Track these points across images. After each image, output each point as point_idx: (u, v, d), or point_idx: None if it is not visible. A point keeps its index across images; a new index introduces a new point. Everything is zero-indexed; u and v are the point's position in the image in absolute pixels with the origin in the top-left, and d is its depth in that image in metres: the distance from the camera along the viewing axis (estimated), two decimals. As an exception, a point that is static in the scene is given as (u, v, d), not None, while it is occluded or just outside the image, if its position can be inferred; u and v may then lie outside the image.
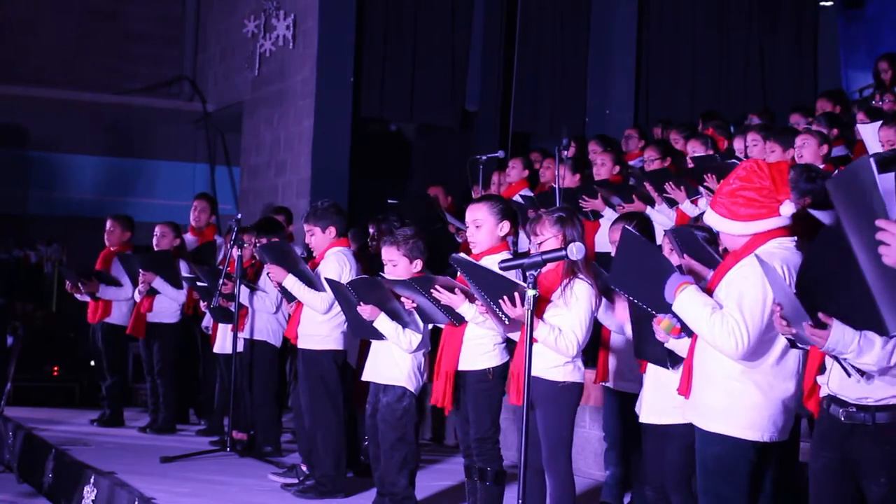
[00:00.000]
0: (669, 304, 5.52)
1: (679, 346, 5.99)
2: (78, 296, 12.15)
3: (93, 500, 8.62)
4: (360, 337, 7.87)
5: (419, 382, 7.66)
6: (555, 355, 6.40)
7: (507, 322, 6.40)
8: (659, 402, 6.35)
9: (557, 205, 10.32)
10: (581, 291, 6.39)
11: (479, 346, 6.92)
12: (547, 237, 6.48)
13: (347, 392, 8.68)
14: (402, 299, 7.20)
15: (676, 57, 16.91)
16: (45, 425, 11.73)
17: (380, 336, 7.55)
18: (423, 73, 15.75)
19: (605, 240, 8.73)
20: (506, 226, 7.02)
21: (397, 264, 7.53)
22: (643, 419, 6.54)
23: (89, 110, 17.71)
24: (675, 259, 6.31)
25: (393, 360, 7.58)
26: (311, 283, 8.48)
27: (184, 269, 11.42)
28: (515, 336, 6.68)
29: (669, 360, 6.14)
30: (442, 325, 7.15)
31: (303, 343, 8.57)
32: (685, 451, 6.25)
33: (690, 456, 6.04)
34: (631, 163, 12.23)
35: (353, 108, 15.17)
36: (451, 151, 16.06)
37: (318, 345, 8.50)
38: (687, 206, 9.58)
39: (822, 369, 5.00)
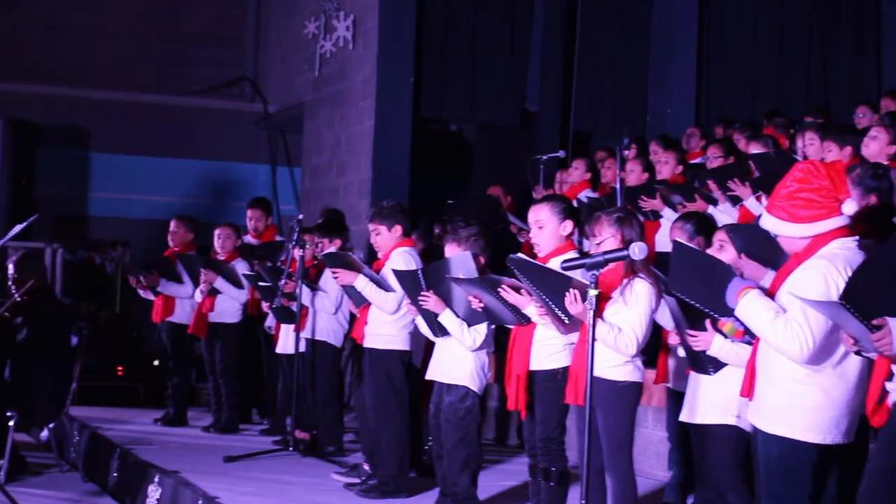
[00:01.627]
0: (731, 309, 5.50)
1: (722, 352, 6.00)
2: (141, 292, 12.24)
3: (157, 500, 8.67)
4: (432, 333, 7.81)
5: (482, 382, 7.67)
6: (615, 355, 6.38)
7: (567, 322, 6.39)
8: (699, 403, 6.36)
9: (619, 205, 10.33)
10: (642, 290, 6.37)
11: (549, 347, 6.90)
12: (605, 237, 6.47)
13: (412, 392, 8.69)
14: (470, 298, 7.20)
15: (737, 55, 16.79)
16: (109, 425, 11.82)
17: (442, 331, 7.55)
18: (483, 73, 15.73)
19: (665, 240, 8.70)
20: (569, 225, 7.01)
21: (462, 262, 7.57)
22: (682, 418, 6.55)
23: (151, 112, 17.81)
24: (727, 256, 6.29)
25: (456, 360, 7.60)
26: (378, 284, 8.51)
27: (245, 268, 11.48)
28: (574, 337, 6.66)
29: (711, 365, 6.17)
30: (510, 326, 7.15)
31: (370, 342, 8.59)
32: (732, 450, 6.26)
33: (739, 455, 6.04)
34: (692, 162, 12.16)
35: (414, 109, 15.17)
36: (511, 151, 16.03)
37: (384, 344, 8.51)
38: (752, 204, 9.50)
39: (890, 377, 4.97)
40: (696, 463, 6.77)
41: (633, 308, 6.36)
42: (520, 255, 6.72)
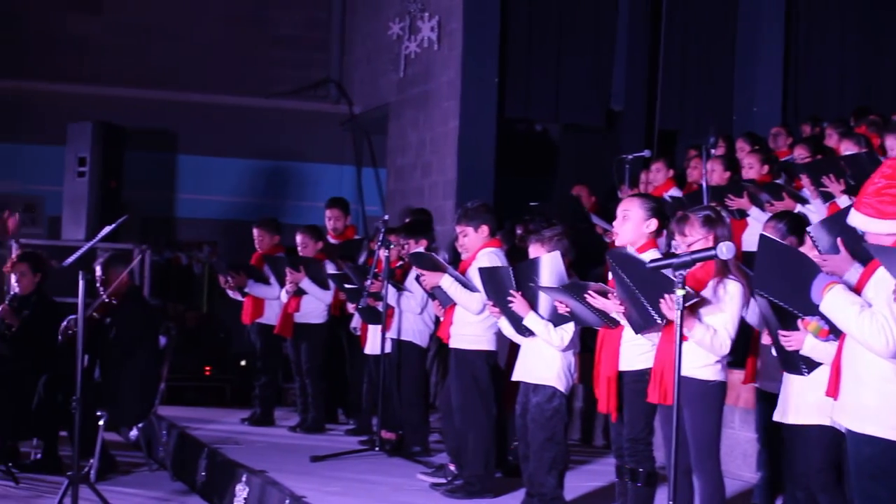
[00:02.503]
0: (816, 306, 5.45)
1: (815, 351, 5.93)
2: (230, 293, 12.32)
3: (245, 499, 8.73)
4: (517, 333, 7.80)
5: (569, 382, 7.65)
6: (703, 355, 6.34)
7: (659, 321, 6.34)
8: (793, 402, 6.29)
9: (705, 204, 10.25)
10: (734, 291, 6.33)
11: (637, 347, 6.87)
12: (696, 238, 6.41)
13: (497, 392, 8.68)
14: (556, 303, 7.19)
15: (825, 52, 16.62)
16: (197, 424, 11.92)
17: (527, 332, 7.55)
18: (568, 73, 15.69)
19: (753, 239, 8.62)
20: (653, 223, 6.98)
21: (544, 263, 7.56)
22: (776, 418, 6.49)
23: (237, 114, 17.94)
24: (813, 255, 6.23)
25: (543, 360, 7.58)
26: (464, 284, 8.51)
27: (330, 268, 11.53)
28: (653, 338, 6.62)
29: (805, 365, 6.10)
30: (597, 328, 7.12)
31: (455, 343, 8.59)
32: (825, 451, 6.19)
33: (832, 457, 5.97)
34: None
35: (498, 109, 15.16)
36: (595, 151, 16.00)
37: (470, 345, 8.51)
38: (843, 202, 9.39)
39: None
40: (788, 464, 6.70)
41: (727, 308, 6.31)
42: (627, 248, 6.70)
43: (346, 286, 10.71)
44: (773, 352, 6.50)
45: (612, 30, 16.02)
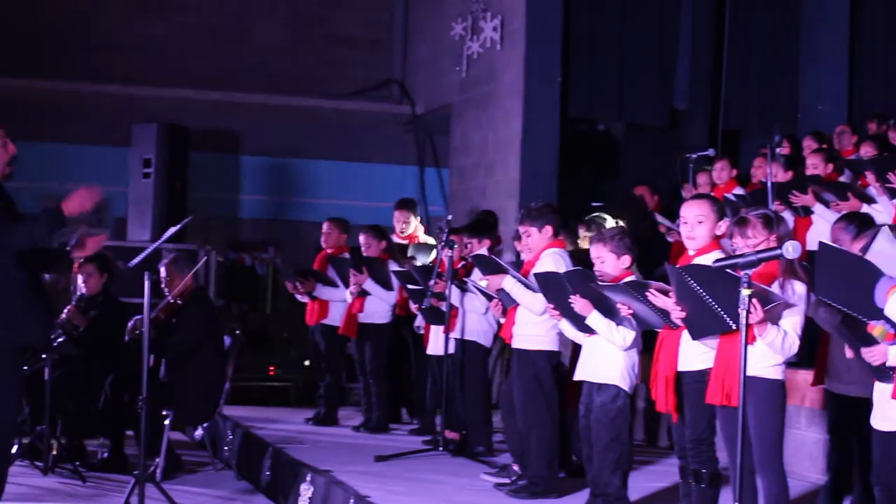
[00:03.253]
0: (881, 310, 5.40)
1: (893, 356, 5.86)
2: (298, 296, 12.37)
3: (309, 498, 8.76)
4: (580, 332, 7.80)
5: (633, 382, 7.62)
6: (767, 355, 6.30)
7: (734, 327, 6.28)
8: (887, 409, 6.20)
9: (770, 203, 10.20)
10: (801, 291, 6.28)
11: (697, 347, 6.81)
12: (759, 240, 6.36)
13: (560, 392, 8.66)
14: (619, 306, 7.16)
15: (891, 49, 16.45)
16: (261, 424, 11.97)
17: (589, 330, 7.53)
18: (631, 72, 15.64)
19: (818, 237, 8.56)
20: (723, 225, 6.94)
21: (605, 261, 7.55)
22: (875, 425, 6.39)
23: (300, 115, 18.02)
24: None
25: (607, 360, 7.56)
26: (526, 286, 8.50)
27: (394, 267, 11.56)
28: (711, 344, 6.57)
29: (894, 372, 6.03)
30: (658, 329, 7.09)
31: (518, 343, 8.58)
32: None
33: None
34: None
35: (561, 108, 15.13)
36: (659, 150, 15.94)
37: (533, 345, 8.49)
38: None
39: None
40: (875, 466, 6.59)
41: (794, 309, 6.26)
42: (702, 260, 6.65)
43: (410, 286, 10.73)
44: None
45: (675, 27, 15.94)
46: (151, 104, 16.93)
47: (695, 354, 6.85)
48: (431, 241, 12.49)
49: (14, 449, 9.31)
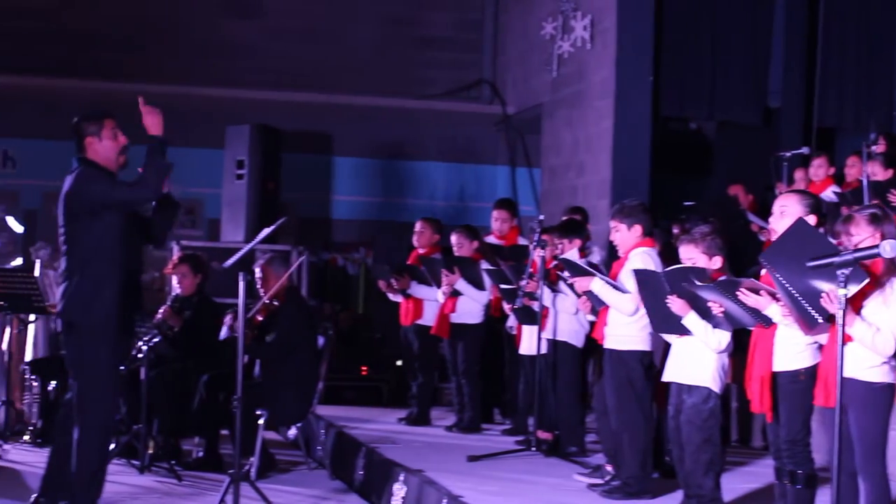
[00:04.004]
0: None
1: None
2: (391, 295, 12.39)
3: (403, 498, 8.78)
4: (661, 332, 7.80)
5: (723, 383, 7.58)
6: (870, 355, 6.23)
7: (820, 320, 6.24)
8: None
9: (866, 201, 10.08)
10: (902, 289, 6.21)
11: (791, 347, 6.77)
12: (864, 237, 6.29)
13: (653, 392, 8.62)
14: (710, 304, 7.12)
15: None
16: (354, 423, 12.02)
17: (681, 331, 7.49)
18: (723, 70, 15.52)
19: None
20: (811, 220, 6.86)
21: (696, 262, 7.49)
22: None
23: (391, 115, 18.07)
24: None
25: (697, 361, 7.52)
26: (614, 287, 8.47)
27: (486, 267, 11.56)
28: (821, 338, 6.52)
29: None
30: (751, 328, 7.04)
31: (610, 343, 8.55)
32: None
33: None
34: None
35: (653, 108, 15.04)
36: (752, 149, 15.79)
37: (625, 345, 8.46)
38: None
39: None
40: None
41: (893, 308, 6.19)
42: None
43: (503, 286, 10.73)
44: None
45: (768, 24, 15.80)
46: (244, 106, 17.07)
47: (790, 354, 6.80)
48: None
49: (111, 447, 9.42)
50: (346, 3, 18.30)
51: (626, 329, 8.47)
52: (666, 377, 7.77)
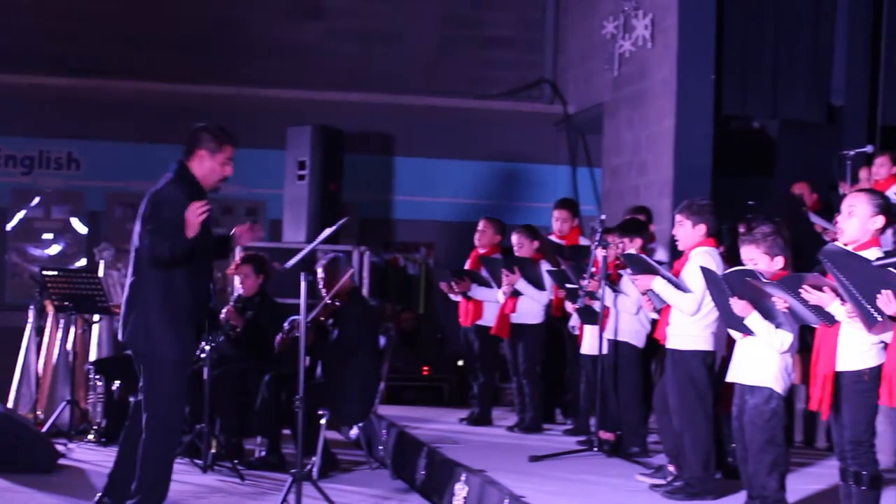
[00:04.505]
0: None
1: None
2: (452, 296, 12.42)
3: (464, 498, 8.79)
4: (732, 328, 7.74)
5: (787, 383, 7.53)
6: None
7: (880, 319, 6.19)
8: None
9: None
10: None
11: (856, 346, 6.70)
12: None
13: (715, 392, 8.58)
14: (775, 299, 7.07)
15: None
16: (416, 423, 12.04)
17: (747, 330, 7.45)
18: (786, 68, 15.39)
19: None
20: (879, 220, 6.80)
21: (758, 263, 7.46)
22: None
23: (452, 115, 18.07)
24: None
25: (760, 361, 7.47)
26: (676, 286, 8.44)
27: (546, 267, 11.55)
28: (886, 337, 6.47)
29: None
30: (815, 326, 6.99)
31: (672, 343, 8.52)
32: None
33: None
34: None
35: (715, 106, 14.95)
36: (816, 147, 15.66)
37: (687, 345, 8.42)
38: None
39: None
40: None
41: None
42: (836, 244, 6.55)
43: (567, 286, 10.72)
44: None
45: (831, 21, 15.66)
46: (305, 107, 17.12)
47: (853, 353, 6.73)
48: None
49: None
50: (407, 4, 18.31)
51: (689, 328, 8.43)
52: (730, 378, 7.73)
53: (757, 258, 7.49)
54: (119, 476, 8.16)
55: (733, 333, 7.73)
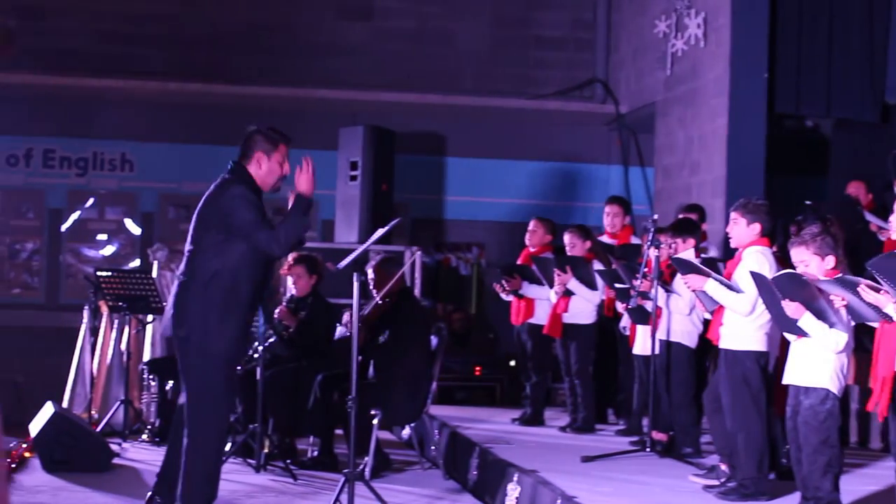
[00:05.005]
0: None
1: None
2: (503, 295, 12.42)
3: (517, 498, 8.78)
4: (785, 331, 7.70)
5: (842, 384, 7.47)
6: None
7: None
8: None
9: None
10: None
11: (914, 347, 6.68)
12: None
13: (768, 394, 8.53)
14: (832, 297, 7.03)
15: None
16: (468, 423, 12.04)
17: (800, 332, 7.41)
18: (839, 66, 15.28)
19: None
20: (934, 221, 6.76)
21: (809, 264, 7.41)
22: None
23: (504, 116, 18.07)
24: None
25: (815, 362, 7.43)
26: (728, 287, 8.40)
27: (598, 267, 11.52)
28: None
29: None
30: (874, 325, 6.94)
31: (725, 343, 8.48)
32: None
33: None
34: None
35: (768, 105, 14.87)
36: (871, 146, 15.55)
37: (740, 345, 8.38)
38: None
39: None
40: None
41: None
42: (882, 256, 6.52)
43: (617, 286, 10.69)
44: None
45: (886, 19, 15.53)
46: (357, 107, 17.17)
47: (912, 354, 6.69)
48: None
49: (228, 447, 9.52)
50: (458, 4, 18.31)
51: (743, 329, 8.39)
52: (785, 379, 7.69)
53: (808, 259, 7.44)
54: (169, 474, 8.18)
55: (788, 336, 7.70)
